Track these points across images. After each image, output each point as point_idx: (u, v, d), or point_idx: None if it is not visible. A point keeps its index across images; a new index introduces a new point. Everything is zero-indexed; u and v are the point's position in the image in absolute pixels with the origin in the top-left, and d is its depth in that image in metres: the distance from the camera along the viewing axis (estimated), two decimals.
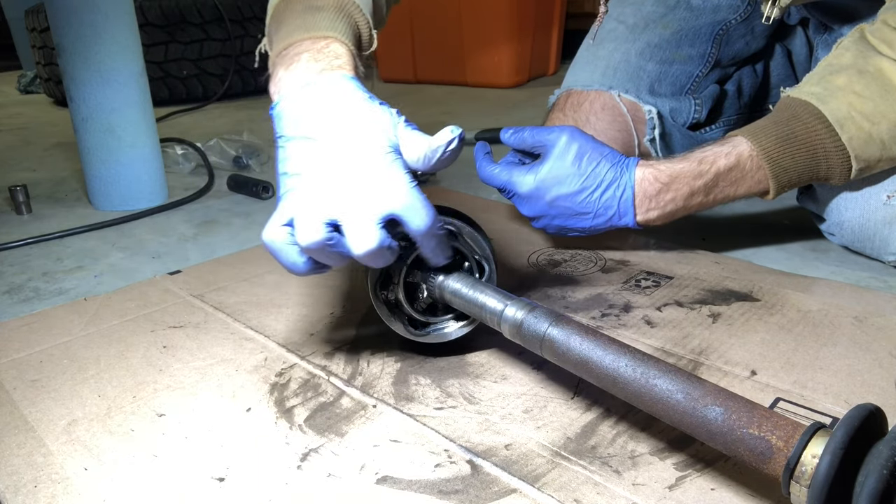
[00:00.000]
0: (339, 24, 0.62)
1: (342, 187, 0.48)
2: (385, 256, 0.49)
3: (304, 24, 0.61)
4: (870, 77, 0.69)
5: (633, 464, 0.46)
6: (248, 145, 1.44)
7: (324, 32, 0.60)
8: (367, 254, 0.48)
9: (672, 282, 0.74)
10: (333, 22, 0.62)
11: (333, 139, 0.50)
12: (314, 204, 0.48)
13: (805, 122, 0.70)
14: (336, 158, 0.49)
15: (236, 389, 0.57)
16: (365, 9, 0.67)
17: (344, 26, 0.62)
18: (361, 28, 0.66)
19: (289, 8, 0.64)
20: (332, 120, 0.51)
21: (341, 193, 0.48)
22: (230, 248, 0.96)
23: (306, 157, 0.50)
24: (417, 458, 0.48)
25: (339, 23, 0.62)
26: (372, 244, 0.47)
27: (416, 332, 0.60)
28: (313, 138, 0.50)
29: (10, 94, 2.78)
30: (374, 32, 0.68)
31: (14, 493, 0.46)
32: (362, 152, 0.50)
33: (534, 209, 0.77)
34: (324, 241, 0.47)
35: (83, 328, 0.69)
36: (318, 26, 0.60)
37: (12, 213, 1.17)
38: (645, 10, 0.97)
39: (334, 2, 0.64)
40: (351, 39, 0.62)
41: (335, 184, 0.49)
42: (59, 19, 1.06)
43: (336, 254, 0.49)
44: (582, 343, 0.47)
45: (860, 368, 0.56)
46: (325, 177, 0.49)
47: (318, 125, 0.51)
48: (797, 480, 0.35)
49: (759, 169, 0.72)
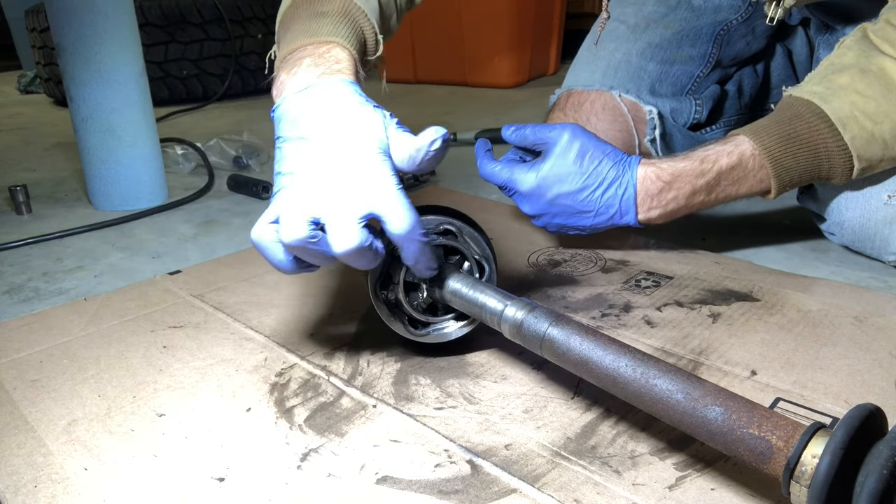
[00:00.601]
0: (342, 29, 0.63)
1: (328, 186, 0.49)
2: (366, 257, 0.50)
3: (309, 30, 0.62)
4: (872, 76, 0.69)
5: (633, 464, 0.46)
6: (248, 145, 1.44)
7: (327, 38, 0.61)
8: (347, 253, 0.48)
9: (672, 282, 0.74)
10: (337, 27, 0.63)
11: (326, 140, 0.51)
12: (299, 202, 0.49)
13: (807, 121, 0.70)
14: (326, 158, 0.50)
15: (236, 389, 0.57)
16: (371, 15, 0.68)
17: (347, 31, 0.63)
18: (367, 34, 0.67)
19: (296, 14, 0.66)
20: (327, 121, 0.52)
21: (326, 192, 0.49)
22: (230, 248, 0.96)
23: (299, 157, 0.51)
24: (417, 458, 0.48)
25: (343, 28, 0.63)
26: (352, 243, 0.48)
27: (416, 332, 0.60)
28: (307, 139, 0.51)
29: (10, 94, 2.78)
30: (381, 38, 0.69)
31: (14, 493, 0.46)
32: (351, 153, 0.50)
33: (535, 207, 0.77)
34: (306, 238, 0.48)
35: (83, 328, 0.69)
36: (321, 31, 0.62)
37: (12, 213, 1.17)
38: (646, 10, 0.97)
39: (339, 8, 0.65)
40: (354, 45, 0.63)
41: (322, 183, 0.49)
42: (59, 19, 1.06)
43: (319, 253, 0.49)
44: (582, 343, 0.47)
45: (860, 368, 0.56)
46: (314, 176, 0.50)
47: (312, 127, 0.52)
48: (797, 480, 0.35)
49: (761, 168, 0.72)
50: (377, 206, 0.49)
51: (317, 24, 0.63)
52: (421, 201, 0.62)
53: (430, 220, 0.59)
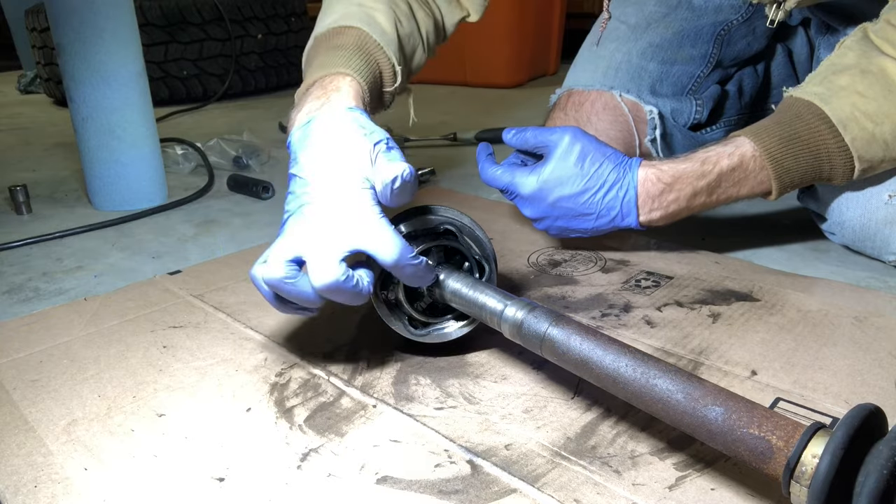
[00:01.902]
0: (354, 61, 0.66)
1: (313, 225, 0.51)
2: (346, 293, 0.51)
3: (323, 63, 0.66)
4: (873, 77, 0.69)
5: (633, 464, 0.46)
6: (248, 145, 1.44)
7: (337, 69, 0.64)
8: (325, 287, 0.50)
9: (672, 282, 0.74)
10: (349, 59, 0.66)
11: (315, 178, 0.53)
12: (284, 242, 0.51)
13: (808, 122, 0.70)
14: (315, 197, 0.53)
15: (236, 389, 0.57)
16: (389, 48, 0.71)
17: (360, 63, 0.66)
18: (383, 66, 0.71)
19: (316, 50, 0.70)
20: (317, 158, 0.54)
21: (311, 231, 0.51)
22: (230, 248, 0.96)
23: (294, 196, 0.54)
24: (417, 458, 0.48)
25: (356, 60, 0.66)
26: (329, 278, 0.49)
27: (416, 332, 0.60)
28: (304, 178, 0.54)
29: (10, 94, 2.78)
30: (399, 69, 0.72)
31: (14, 493, 0.46)
32: (335, 189, 0.52)
33: (536, 210, 0.77)
34: (282, 278, 0.50)
35: (83, 328, 0.69)
36: (334, 64, 0.65)
37: (12, 213, 1.17)
38: (647, 10, 0.97)
39: (354, 41, 0.69)
40: (366, 76, 0.66)
41: (309, 222, 0.52)
42: (59, 19, 1.06)
43: (297, 293, 0.51)
44: (582, 343, 0.47)
45: (860, 368, 0.56)
46: (304, 215, 0.52)
47: (306, 164, 0.54)
48: (797, 480, 0.35)
49: (762, 169, 0.72)
50: (361, 242, 0.50)
51: (331, 57, 0.66)
52: (421, 201, 0.62)
53: (430, 221, 0.59)
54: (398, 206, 0.54)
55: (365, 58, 0.67)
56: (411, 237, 0.59)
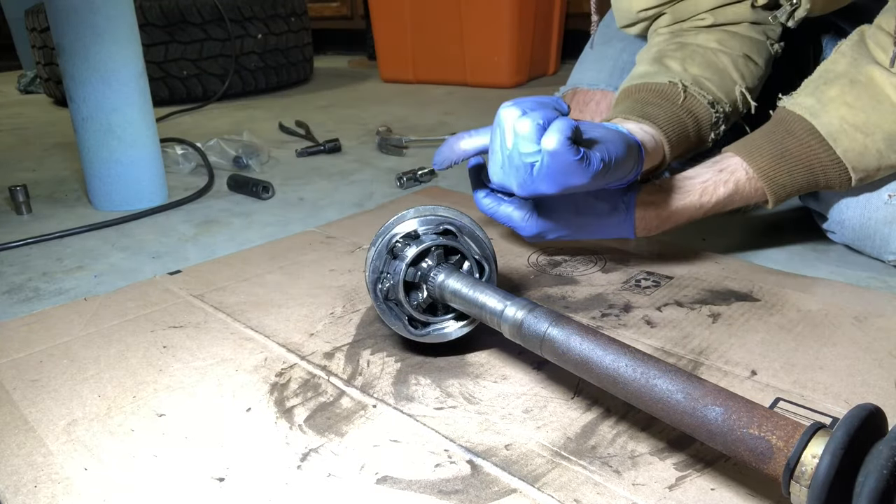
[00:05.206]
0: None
1: None
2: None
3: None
4: (861, 87, 0.69)
5: (633, 464, 0.46)
6: (248, 145, 1.44)
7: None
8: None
9: (672, 282, 0.74)
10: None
11: None
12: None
13: (799, 137, 0.70)
14: None
15: (236, 389, 0.57)
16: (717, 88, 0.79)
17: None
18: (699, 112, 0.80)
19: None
20: None
21: None
22: (230, 248, 0.96)
23: None
24: (417, 458, 0.48)
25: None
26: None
27: (416, 332, 0.60)
28: None
29: (10, 94, 2.78)
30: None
31: (14, 493, 0.46)
32: None
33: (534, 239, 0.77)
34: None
35: (83, 328, 0.69)
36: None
37: (12, 213, 1.17)
38: None
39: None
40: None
41: None
42: (59, 19, 1.06)
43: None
44: (582, 343, 0.47)
45: (860, 368, 0.56)
46: None
47: None
48: (797, 480, 0.35)
49: (757, 189, 0.72)
50: None
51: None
52: (421, 201, 0.62)
53: (430, 220, 0.59)
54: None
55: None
56: (411, 237, 0.59)
